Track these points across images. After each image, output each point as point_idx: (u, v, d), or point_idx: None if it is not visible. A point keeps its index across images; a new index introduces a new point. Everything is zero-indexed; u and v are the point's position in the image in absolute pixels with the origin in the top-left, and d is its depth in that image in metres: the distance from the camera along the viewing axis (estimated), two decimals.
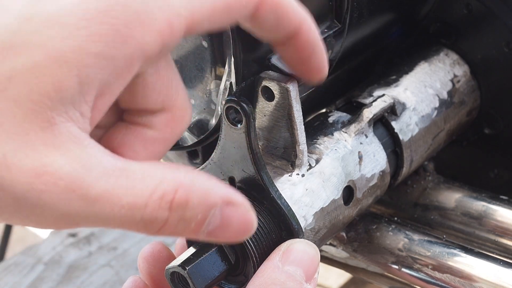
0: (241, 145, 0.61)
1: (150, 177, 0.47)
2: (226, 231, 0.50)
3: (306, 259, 0.59)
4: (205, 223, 0.48)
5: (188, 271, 0.60)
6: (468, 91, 0.82)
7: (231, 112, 0.61)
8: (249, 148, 0.61)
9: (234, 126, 0.61)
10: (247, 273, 0.62)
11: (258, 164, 0.62)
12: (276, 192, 0.62)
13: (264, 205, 0.62)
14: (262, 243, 0.61)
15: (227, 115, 0.61)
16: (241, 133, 0.61)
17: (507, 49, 0.79)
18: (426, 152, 0.78)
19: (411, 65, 0.80)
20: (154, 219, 0.47)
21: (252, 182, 0.62)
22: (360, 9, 0.70)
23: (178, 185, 0.47)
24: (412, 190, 0.83)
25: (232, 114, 0.61)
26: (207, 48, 0.62)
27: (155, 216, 0.47)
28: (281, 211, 0.62)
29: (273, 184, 0.62)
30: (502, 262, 0.73)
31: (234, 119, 0.61)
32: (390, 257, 0.76)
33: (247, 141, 0.61)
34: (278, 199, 0.62)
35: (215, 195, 0.49)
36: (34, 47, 0.45)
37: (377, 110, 0.73)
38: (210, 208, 0.48)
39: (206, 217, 0.48)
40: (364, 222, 0.78)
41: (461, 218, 0.80)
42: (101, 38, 0.45)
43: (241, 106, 0.60)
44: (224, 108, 0.60)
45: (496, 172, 0.86)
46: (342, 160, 0.68)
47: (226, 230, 0.50)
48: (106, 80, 0.46)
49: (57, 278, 1.19)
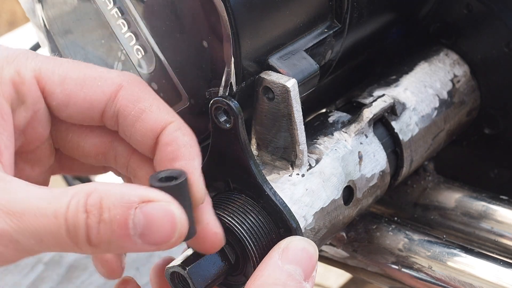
0: (231, 144, 0.61)
1: (69, 189, 0.51)
2: (155, 232, 0.51)
3: (305, 258, 0.59)
4: (129, 224, 0.50)
5: (188, 271, 0.60)
6: (468, 91, 0.82)
7: (220, 112, 0.61)
8: (240, 146, 0.61)
9: (223, 126, 0.61)
10: (247, 273, 0.62)
11: (251, 163, 0.61)
12: (271, 189, 0.62)
13: (260, 203, 0.62)
14: (261, 243, 0.61)
15: (216, 115, 0.61)
16: (230, 132, 0.61)
17: (507, 49, 0.79)
18: (426, 152, 0.78)
19: (411, 65, 0.80)
20: (76, 223, 0.50)
21: (247, 181, 0.62)
22: (360, 9, 0.70)
23: (92, 191, 0.51)
24: (412, 190, 0.83)
25: (221, 115, 0.61)
26: (207, 48, 0.62)
27: (76, 220, 0.50)
28: (277, 208, 0.62)
29: (267, 181, 0.62)
30: (502, 262, 0.73)
31: (222, 120, 0.61)
32: (390, 257, 0.76)
33: (238, 140, 0.61)
34: (273, 196, 0.61)
35: (131, 194, 0.51)
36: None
37: (377, 110, 0.73)
38: (128, 208, 0.50)
39: (126, 216, 0.50)
40: (364, 222, 0.78)
41: (461, 218, 0.80)
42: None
43: (228, 105, 0.60)
44: (212, 109, 0.61)
45: (496, 172, 0.86)
46: (342, 160, 0.68)
47: (154, 229, 0.51)
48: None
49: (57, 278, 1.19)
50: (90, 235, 0.50)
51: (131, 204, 0.50)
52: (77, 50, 0.71)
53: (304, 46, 0.66)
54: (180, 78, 0.65)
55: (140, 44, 0.65)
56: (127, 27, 0.65)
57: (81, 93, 0.58)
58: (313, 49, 0.67)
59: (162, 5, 0.62)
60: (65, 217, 0.50)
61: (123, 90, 0.59)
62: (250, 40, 0.62)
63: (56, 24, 0.71)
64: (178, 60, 0.64)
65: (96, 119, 0.59)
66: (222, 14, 0.60)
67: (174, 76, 0.65)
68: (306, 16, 0.66)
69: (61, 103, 0.58)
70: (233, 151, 0.61)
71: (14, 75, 0.57)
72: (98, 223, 0.50)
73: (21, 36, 2.26)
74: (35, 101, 0.58)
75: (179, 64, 0.64)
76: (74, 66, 0.59)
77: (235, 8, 0.60)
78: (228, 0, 0.60)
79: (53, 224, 0.50)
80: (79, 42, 0.70)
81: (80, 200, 0.50)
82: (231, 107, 0.60)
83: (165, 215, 0.51)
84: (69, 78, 0.58)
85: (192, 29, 0.62)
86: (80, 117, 0.59)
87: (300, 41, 0.66)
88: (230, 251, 0.62)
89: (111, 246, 0.51)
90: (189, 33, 0.62)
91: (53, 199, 0.50)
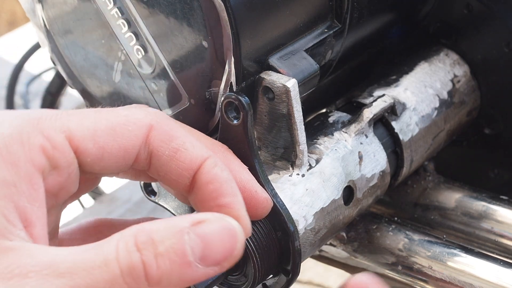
0: (239, 142, 0.61)
1: (110, 237, 0.49)
2: (216, 250, 0.49)
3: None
4: (186, 250, 0.48)
5: None
6: (468, 91, 0.82)
7: (229, 108, 0.61)
8: (247, 144, 0.61)
9: (232, 122, 0.61)
10: (247, 273, 0.62)
11: (256, 161, 0.61)
12: (272, 190, 0.62)
13: None
14: (262, 243, 0.61)
15: (226, 111, 0.61)
16: (239, 129, 0.61)
17: (507, 49, 0.79)
18: (426, 152, 0.78)
19: (411, 65, 0.80)
20: (130, 264, 0.47)
21: None
22: (360, 9, 0.70)
23: (137, 230, 0.49)
24: (412, 190, 0.83)
25: (231, 111, 0.61)
26: (207, 48, 0.62)
27: (130, 261, 0.47)
28: (277, 210, 0.61)
29: (269, 182, 0.62)
30: (502, 262, 0.73)
31: (232, 116, 0.61)
32: (390, 257, 0.76)
33: (246, 136, 0.61)
34: (273, 197, 0.61)
35: (179, 221, 0.49)
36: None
37: (377, 110, 0.73)
38: (181, 234, 0.49)
39: (182, 242, 0.48)
40: (364, 222, 0.78)
41: (461, 218, 0.80)
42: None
43: (239, 100, 0.60)
44: (223, 103, 0.61)
45: (496, 172, 0.86)
46: (342, 160, 0.68)
47: (214, 248, 0.49)
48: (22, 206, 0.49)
49: None
50: (149, 272, 0.48)
51: (183, 229, 0.49)
52: (77, 50, 0.71)
53: (304, 46, 0.66)
54: (180, 78, 0.65)
55: (140, 44, 0.65)
56: (127, 27, 0.65)
57: (115, 144, 0.54)
58: (313, 49, 0.67)
59: (162, 5, 0.62)
60: (117, 261, 0.47)
61: (154, 130, 0.55)
62: (250, 40, 0.62)
63: (56, 24, 0.71)
64: (178, 60, 0.64)
65: (129, 165, 0.56)
66: (222, 14, 0.60)
67: (174, 76, 0.65)
68: (306, 16, 0.66)
69: (95, 158, 0.54)
70: (240, 148, 0.61)
71: (44, 141, 0.51)
72: (155, 258, 0.48)
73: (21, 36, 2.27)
74: (69, 163, 0.53)
75: (179, 64, 0.64)
76: (100, 115, 0.55)
77: (235, 8, 0.60)
78: (228, 0, 0.60)
79: (106, 273, 0.47)
80: (79, 42, 0.70)
81: (128, 242, 0.48)
82: (242, 103, 0.60)
83: (221, 229, 0.50)
84: (99, 130, 0.54)
85: (192, 29, 0.62)
86: (114, 167, 0.55)
87: (300, 41, 0.66)
88: None
89: (172, 279, 0.48)
90: (189, 33, 0.62)
91: (97, 249, 0.48)
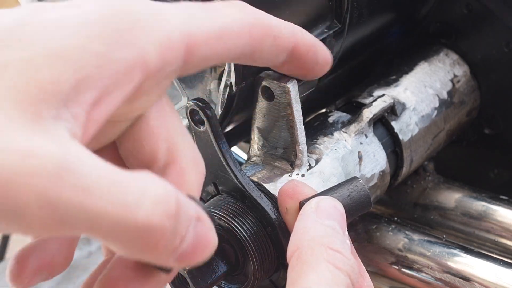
0: (209, 147, 0.61)
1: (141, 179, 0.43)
2: (195, 252, 0.45)
3: (338, 214, 0.57)
4: (184, 240, 0.44)
5: (188, 271, 0.60)
6: (468, 91, 0.82)
7: (196, 115, 0.61)
8: (216, 146, 0.61)
9: (199, 128, 0.61)
10: (247, 273, 0.62)
11: (227, 161, 0.62)
12: (248, 184, 0.62)
13: (245, 204, 0.62)
14: (261, 242, 0.61)
15: (192, 119, 0.61)
16: (206, 134, 0.61)
17: (507, 49, 0.79)
18: (426, 152, 0.78)
19: (411, 65, 0.80)
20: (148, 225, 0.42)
21: (231, 182, 0.62)
22: (360, 9, 0.70)
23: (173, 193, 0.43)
24: (412, 190, 0.83)
25: (197, 118, 0.61)
26: None
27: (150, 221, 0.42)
28: (259, 206, 0.61)
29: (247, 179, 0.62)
30: (502, 262, 0.73)
31: (198, 122, 0.61)
32: (390, 257, 0.76)
33: (213, 140, 0.61)
34: (251, 191, 0.61)
35: (192, 208, 0.45)
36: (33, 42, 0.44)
37: (377, 110, 0.73)
38: (189, 223, 0.44)
39: (185, 232, 0.44)
40: (364, 222, 0.78)
41: (461, 218, 0.80)
42: (102, 40, 0.45)
43: (200, 107, 0.60)
44: (187, 112, 0.61)
45: (496, 172, 0.86)
46: (342, 160, 0.68)
47: (196, 250, 0.45)
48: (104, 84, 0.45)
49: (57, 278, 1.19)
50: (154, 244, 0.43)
51: (191, 220, 0.44)
52: None
53: None
54: (180, 78, 0.65)
55: None
56: None
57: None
58: None
59: None
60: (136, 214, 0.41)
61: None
62: None
63: None
64: None
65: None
66: None
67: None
68: (306, 16, 0.66)
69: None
70: (213, 152, 0.62)
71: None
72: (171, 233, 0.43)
73: None
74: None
75: None
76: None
77: None
78: None
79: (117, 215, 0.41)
80: None
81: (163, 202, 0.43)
82: (203, 108, 0.60)
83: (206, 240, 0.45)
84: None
85: None
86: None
87: None
88: (230, 251, 0.62)
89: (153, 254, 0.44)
90: None
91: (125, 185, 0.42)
